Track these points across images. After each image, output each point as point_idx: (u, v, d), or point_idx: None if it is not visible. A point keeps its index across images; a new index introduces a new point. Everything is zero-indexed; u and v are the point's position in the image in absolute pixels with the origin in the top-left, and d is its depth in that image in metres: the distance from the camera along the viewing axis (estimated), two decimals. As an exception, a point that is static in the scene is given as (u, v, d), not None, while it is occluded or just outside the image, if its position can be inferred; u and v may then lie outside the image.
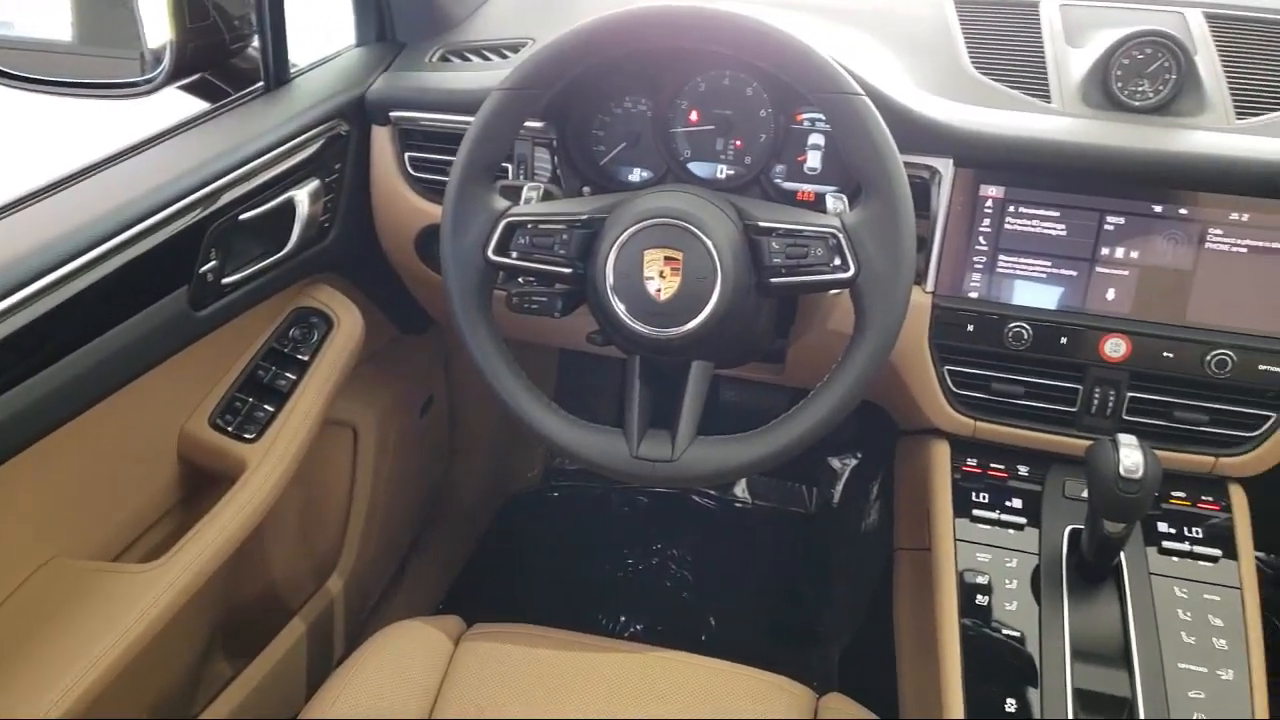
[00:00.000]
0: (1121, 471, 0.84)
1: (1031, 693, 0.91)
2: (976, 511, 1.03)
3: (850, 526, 1.83)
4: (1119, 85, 1.04)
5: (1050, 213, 1.01)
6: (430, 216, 1.18)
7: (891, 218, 0.85)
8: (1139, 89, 1.04)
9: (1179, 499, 1.03)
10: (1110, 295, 1.01)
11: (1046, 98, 1.06)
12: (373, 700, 0.96)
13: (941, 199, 1.02)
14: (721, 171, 1.13)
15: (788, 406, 0.89)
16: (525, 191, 0.98)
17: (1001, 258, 1.03)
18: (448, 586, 1.76)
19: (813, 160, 1.10)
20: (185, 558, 0.96)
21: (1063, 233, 1.01)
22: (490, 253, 0.91)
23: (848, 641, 1.61)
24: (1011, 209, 1.01)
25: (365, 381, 1.35)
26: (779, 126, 1.09)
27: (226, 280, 1.02)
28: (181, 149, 1.02)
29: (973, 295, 1.04)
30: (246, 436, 1.08)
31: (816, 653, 1.63)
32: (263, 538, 1.27)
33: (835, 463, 1.97)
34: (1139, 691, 0.89)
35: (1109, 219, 0.99)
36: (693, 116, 1.12)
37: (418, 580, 1.68)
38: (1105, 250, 1.00)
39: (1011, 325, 1.03)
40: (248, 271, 1.05)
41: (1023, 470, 1.07)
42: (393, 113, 1.17)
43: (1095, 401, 1.03)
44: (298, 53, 1.19)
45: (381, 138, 1.19)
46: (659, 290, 0.86)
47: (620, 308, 0.87)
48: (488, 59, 1.23)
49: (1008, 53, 1.12)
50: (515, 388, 0.93)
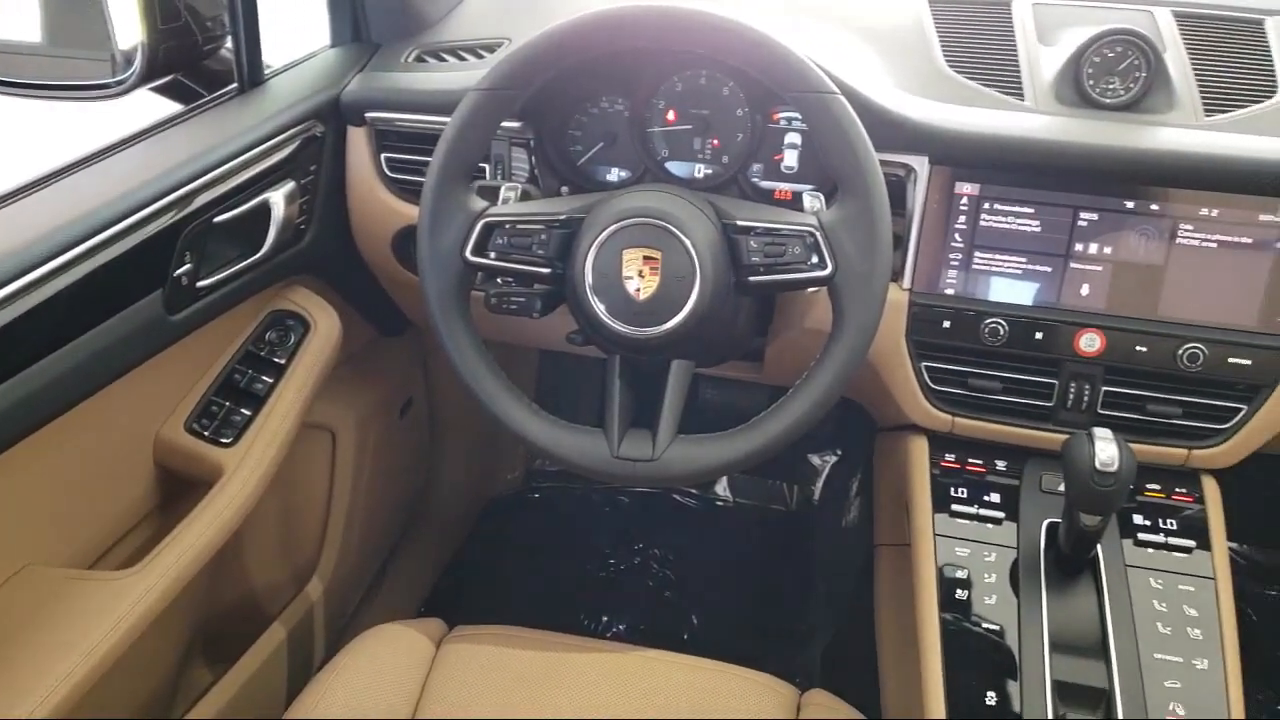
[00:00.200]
0: (1097, 465, 0.85)
1: (1011, 685, 0.91)
2: (955, 506, 1.04)
3: (831, 523, 1.84)
4: (1090, 83, 1.05)
5: (1025, 209, 1.02)
6: (407, 218, 1.17)
7: (868, 216, 0.85)
8: (1110, 86, 1.05)
9: (1154, 491, 1.04)
10: (1085, 291, 1.02)
11: (1020, 96, 1.07)
12: (354, 704, 0.95)
13: (917, 197, 1.03)
14: (699, 171, 1.13)
15: (767, 405, 0.89)
16: (503, 192, 0.98)
17: (977, 254, 1.04)
18: (429, 589, 1.75)
19: (790, 159, 1.11)
20: (162, 564, 0.95)
21: (1037, 229, 1.02)
22: (468, 253, 0.91)
23: (830, 637, 1.62)
24: (986, 206, 1.02)
25: (343, 384, 1.34)
26: (756, 126, 1.10)
27: (202, 283, 1.01)
28: (155, 151, 1.01)
29: (949, 292, 1.05)
30: (223, 441, 1.07)
31: (799, 649, 1.64)
32: (241, 542, 1.25)
33: (815, 460, 1.98)
34: (1116, 682, 0.90)
35: (1083, 215, 1.00)
36: (670, 116, 1.12)
37: (398, 583, 1.68)
38: (1079, 246, 1.01)
39: (988, 321, 1.03)
40: (223, 274, 1.04)
41: (1000, 465, 1.08)
42: (368, 113, 1.17)
43: (1071, 396, 1.04)
44: (271, 54, 1.18)
45: (357, 139, 1.19)
46: (638, 289, 0.86)
47: (600, 307, 0.88)
48: (463, 59, 1.22)
49: (982, 51, 1.13)
50: (494, 389, 0.93)
